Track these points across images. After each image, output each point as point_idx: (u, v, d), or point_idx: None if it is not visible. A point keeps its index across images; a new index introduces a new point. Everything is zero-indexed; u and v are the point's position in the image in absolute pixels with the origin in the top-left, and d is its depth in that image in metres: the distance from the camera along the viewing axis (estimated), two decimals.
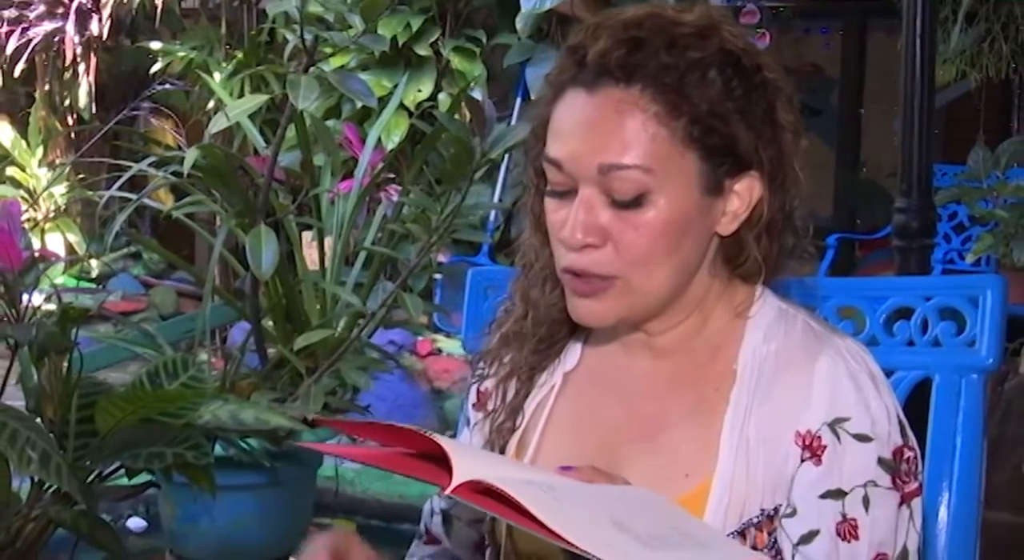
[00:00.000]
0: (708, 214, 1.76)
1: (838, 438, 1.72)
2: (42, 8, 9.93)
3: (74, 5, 9.87)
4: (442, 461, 1.50)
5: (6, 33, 9.84)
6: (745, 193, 1.76)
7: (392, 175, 5.32)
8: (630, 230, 1.72)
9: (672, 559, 1.44)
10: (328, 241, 5.18)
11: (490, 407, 1.99)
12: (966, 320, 2.16)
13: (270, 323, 5.06)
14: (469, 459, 1.52)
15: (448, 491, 1.46)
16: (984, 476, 2.24)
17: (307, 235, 5.58)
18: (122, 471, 3.23)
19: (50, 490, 3.08)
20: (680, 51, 1.70)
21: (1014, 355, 3.99)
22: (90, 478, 3.16)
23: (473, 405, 2.05)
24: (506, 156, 4.66)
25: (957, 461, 2.14)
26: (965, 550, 2.12)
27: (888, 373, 2.14)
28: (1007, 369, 3.95)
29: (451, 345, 7.49)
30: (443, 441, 1.52)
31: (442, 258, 7.50)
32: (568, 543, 1.38)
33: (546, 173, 1.78)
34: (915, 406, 2.14)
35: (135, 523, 5.09)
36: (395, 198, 5.02)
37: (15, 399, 3.16)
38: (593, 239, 1.72)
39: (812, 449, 1.72)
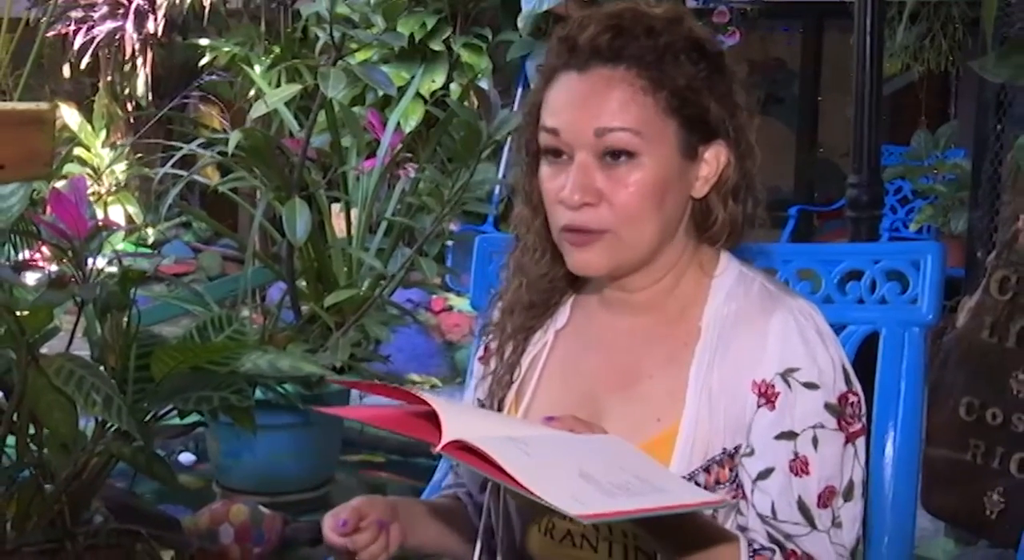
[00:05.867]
0: (685, 177, 1.77)
1: (789, 386, 1.72)
2: (105, 9, 9.92)
3: (133, 6, 9.86)
4: (436, 420, 1.52)
5: (73, 31, 9.83)
6: (713, 160, 1.77)
7: (410, 155, 5.31)
8: (621, 188, 1.72)
9: (627, 503, 1.44)
10: (354, 212, 5.17)
11: (493, 363, 1.99)
12: (909, 281, 2.15)
13: (303, 284, 5.06)
14: (458, 419, 1.53)
15: (437, 449, 1.48)
16: (925, 417, 2.24)
17: (336, 207, 5.57)
18: (175, 412, 3.23)
19: (112, 429, 3.08)
20: (656, 36, 1.73)
21: (951, 311, 3.97)
22: (147, 418, 3.16)
23: (480, 358, 2.05)
24: (509, 138, 4.64)
25: (901, 404, 2.13)
26: (908, 482, 2.12)
27: (841, 327, 2.14)
28: (945, 324, 3.93)
29: (461, 303, 7.47)
30: (437, 404, 1.54)
31: (453, 227, 7.48)
32: (534, 495, 1.39)
33: (542, 144, 1.78)
34: (864, 356, 2.14)
35: (186, 458, 5.09)
36: (412, 175, 5.02)
37: (81, 350, 3.16)
38: (590, 198, 1.73)
39: (767, 396, 1.72)
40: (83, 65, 9.96)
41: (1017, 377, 3.73)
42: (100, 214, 7.65)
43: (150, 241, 9.91)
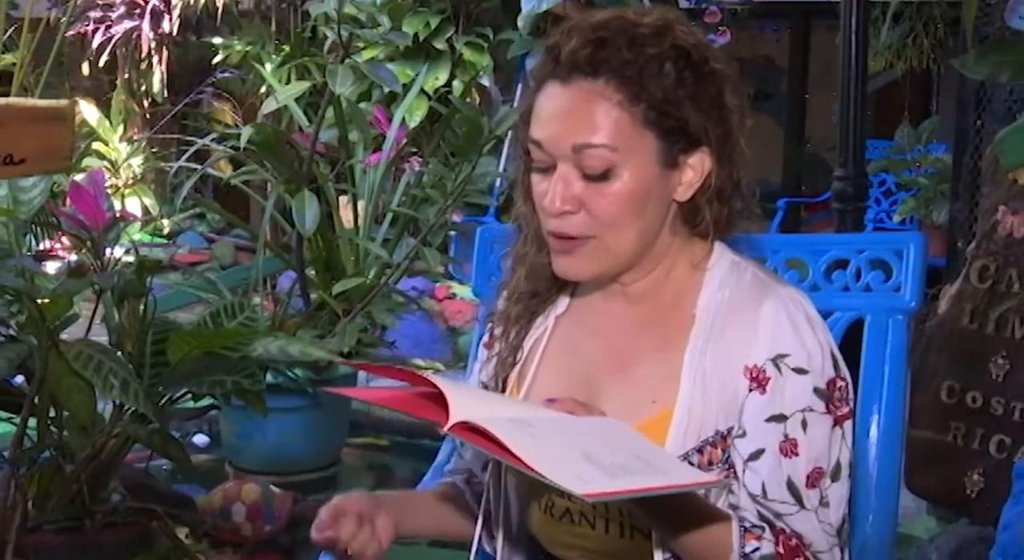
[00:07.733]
0: (666, 184, 1.75)
1: (780, 371, 1.71)
2: (122, 9, 9.91)
3: (149, 6, 9.85)
4: (443, 401, 1.52)
5: (92, 30, 9.83)
6: (697, 166, 1.75)
7: (414, 149, 5.31)
8: (600, 199, 1.72)
9: (628, 482, 1.44)
10: (361, 204, 5.18)
11: (496, 347, 1.99)
12: (893, 270, 2.15)
13: (312, 272, 5.07)
14: (465, 401, 1.54)
15: (445, 430, 1.49)
16: (908, 400, 2.24)
17: (343, 199, 5.57)
18: (189, 395, 3.24)
19: (129, 411, 3.08)
20: (639, 48, 1.70)
21: (933, 299, 3.96)
22: (162, 401, 3.17)
23: (484, 344, 2.05)
24: (509, 133, 4.65)
25: (885, 388, 2.13)
26: (892, 461, 2.12)
27: (827, 314, 2.14)
28: (927, 310, 3.93)
29: (463, 290, 7.47)
30: (444, 386, 1.54)
31: (456, 218, 7.46)
32: (539, 474, 1.39)
33: (530, 152, 1.78)
34: (850, 342, 2.14)
35: (199, 439, 5.10)
36: (417, 168, 5.02)
37: (100, 335, 3.17)
38: (570, 207, 1.73)
39: (758, 380, 1.72)
40: (101, 63, 9.97)
41: (996, 362, 3.73)
42: (117, 206, 7.64)
43: (166, 232, 9.91)
